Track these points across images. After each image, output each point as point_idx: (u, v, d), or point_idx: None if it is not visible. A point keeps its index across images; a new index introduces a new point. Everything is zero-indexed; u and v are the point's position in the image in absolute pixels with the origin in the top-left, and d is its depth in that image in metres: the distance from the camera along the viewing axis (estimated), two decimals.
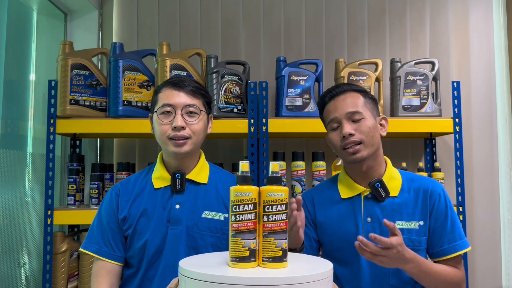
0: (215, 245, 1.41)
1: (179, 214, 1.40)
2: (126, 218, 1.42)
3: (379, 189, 1.38)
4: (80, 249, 1.45)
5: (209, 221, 1.42)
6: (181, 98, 1.40)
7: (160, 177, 1.45)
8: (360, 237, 1.18)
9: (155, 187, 1.45)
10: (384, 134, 1.43)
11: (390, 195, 1.39)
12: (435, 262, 1.39)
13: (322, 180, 2.01)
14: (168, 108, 1.39)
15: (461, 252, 1.38)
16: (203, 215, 1.42)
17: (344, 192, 1.45)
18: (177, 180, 1.41)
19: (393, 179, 1.43)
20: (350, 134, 1.35)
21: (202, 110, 1.43)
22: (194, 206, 1.42)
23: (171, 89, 1.42)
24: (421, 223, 1.38)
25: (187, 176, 1.44)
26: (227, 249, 1.41)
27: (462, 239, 1.39)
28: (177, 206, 1.41)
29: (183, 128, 1.38)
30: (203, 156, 1.52)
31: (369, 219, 1.39)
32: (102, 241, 1.42)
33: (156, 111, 1.42)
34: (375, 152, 1.39)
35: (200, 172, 1.47)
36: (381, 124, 1.43)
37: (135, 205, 1.43)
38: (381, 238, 1.17)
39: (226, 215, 1.44)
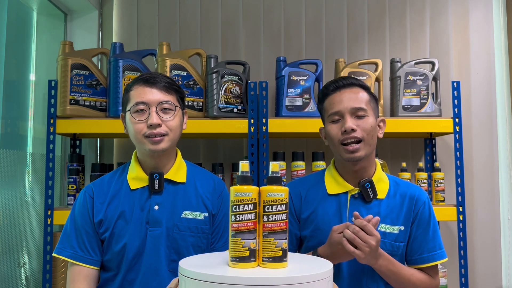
0: (195, 245, 1.39)
1: (159, 215, 1.37)
2: (102, 221, 1.37)
3: (368, 189, 1.37)
4: (54, 254, 1.39)
5: (189, 221, 1.39)
6: (154, 94, 1.35)
7: (136, 178, 1.41)
8: (356, 213, 1.21)
9: (131, 188, 1.40)
10: (380, 136, 1.42)
11: (377, 197, 1.38)
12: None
13: None
14: (142, 106, 1.34)
15: (439, 262, 1.40)
16: (183, 215, 1.39)
17: (332, 188, 1.42)
18: (156, 180, 1.37)
19: (381, 181, 1.41)
20: (353, 130, 1.33)
21: (177, 106, 1.39)
22: (173, 206, 1.39)
23: (143, 86, 1.37)
24: (402, 228, 1.38)
25: (165, 176, 1.40)
26: (207, 249, 1.42)
27: (441, 249, 1.41)
28: (156, 207, 1.38)
29: (159, 125, 1.34)
30: (179, 154, 1.48)
31: (353, 219, 1.38)
32: (77, 245, 1.36)
33: (129, 110, 1.37)
34: (371, 153, 1.38)
35: (178, 171, 1.44)
36: (379, 126, 1.42)
37: (112, 207, 1.38)
38: (370, 225, 1.21)
39: (206, 214, 1.41)
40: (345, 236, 1.21)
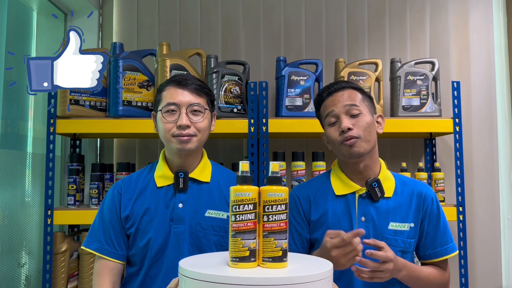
0: (218, 244, 1.41)
1: (182, 213, 1.41)
2: (129, 217, 1.43)
3: (376, 188, 1.38)
4: (82, 247, 1.45)
5: (212, 219, 1.42)
6: (185, 96, 1.41)
7: (162, 176, 1.45)
8: (358, 258, 1.20)
9: (157, 185, 1.45)
10: (380, 131, 1.44)
11: (385, 196, 1.40)
12: (425, 264, 1.44)
13: None
14: (173, 107, 1.40)
15: (453, 255, 1.43)
16: (206, 214, 1.42)
17: (339, 189, 1.43)
18: (180, 179, 1.41)
19: (387, 180, 1.43)
20: (349, 129, 1.35)
21: (206, 109, 1.44)
22: (197, 205, 1.43)
23: (175, 88, 1.42)
24: (412, 225, 1.40)
25: (190, 175, 1.44)
26: None
27: (452, 242, 1.44)
28: (180, 205, 1.42)
29: (188, 126, 1.38)
30: (205, 154, 1.53)
31: (363, 219, 1.38)
32: (104, 240, 1.42)
33: (160, 110, 1.42)
34: (372, 149, 1.40)
35: (203, 170, 1.48)
36: (377, 122, 1.45)
37: (138, 204, 1.43)
38: (377, 253, 1.21)
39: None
40: (364, 274, 1.23)
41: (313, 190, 1.48)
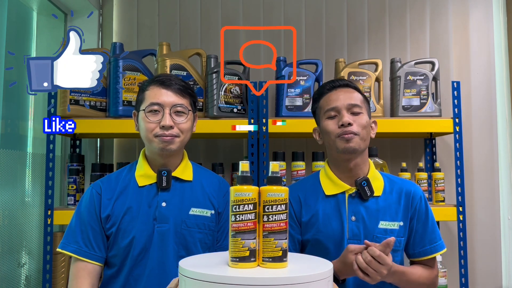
0: (202, 242, 1.42)
1: (166, 212, 1.40)
2: (109, 217, 1.40)
3: (365, 187, 1.39)
4: (58, 249, 1.40)
5: (197, 217, 1.42)
6: (169, 97, 1.39)
7: (144, 175, 1.44)
8: (368, 242, 1.21)
9: (139, 185, 1.43)
10: (373, 136, 1.46)
11: (374, 195, 1.41)
12: (414, 262, 1.45)
13: None
14: (156, 107, 1.39)
15: (441, 252, 1.44)
16: (191, 212, 1.42)
17: (328, 189, 1.43)
18: (163, 177, 1.40)
19: (376, 179, 1.44)
20: (350, 124, 1.36)
21: (190, 110, 1.43)
22: (181, 203, 1.42)
23: (159, 88, 1.41)
24: (401, 223, 1.40)
25: (173, 174, 1.43)
26: (213, 246, 1.44)
27: (440, 239, 1.45)
28: (164, 204, 1.40)
29: (171, 127, 1.37)
30: (186, 155, 1.52)
31: (353, 218, 1.39)
32: (82, 241, 1.38)
33: (143, 110, 1.40)
34: (364, 150, 1.41)
35: (185, 170, 1.47)
36: (371, 126, 1.46)
37: (119, 203, 1.41)
38: (386, 257, 1.20)
39: (212, 212, 1.45)
40: (357, 263, 1.22)
41: (303, 191, 1.48)
